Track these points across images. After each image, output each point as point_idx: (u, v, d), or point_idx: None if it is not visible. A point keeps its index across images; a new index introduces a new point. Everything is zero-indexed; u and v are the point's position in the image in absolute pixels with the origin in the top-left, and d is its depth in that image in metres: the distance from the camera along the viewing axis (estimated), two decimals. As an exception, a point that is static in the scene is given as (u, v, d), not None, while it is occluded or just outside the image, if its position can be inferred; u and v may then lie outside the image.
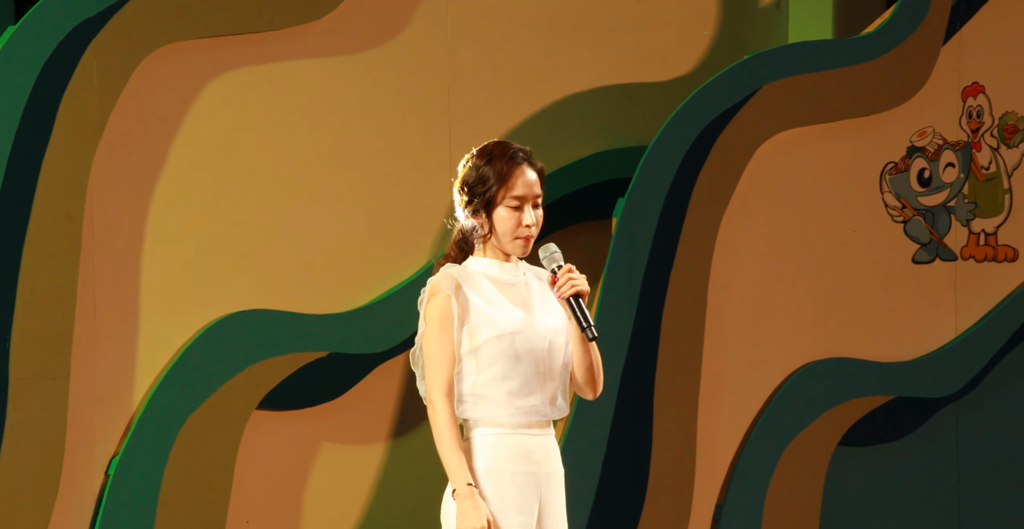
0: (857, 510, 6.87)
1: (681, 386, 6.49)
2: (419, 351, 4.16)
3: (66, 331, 5.69)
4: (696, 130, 6.48)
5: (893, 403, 6.90)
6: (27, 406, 5.64)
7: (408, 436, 6.31)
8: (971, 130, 7.11)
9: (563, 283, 4.09)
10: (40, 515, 5.67)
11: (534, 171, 4.17)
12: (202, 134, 5.93)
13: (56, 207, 5.67)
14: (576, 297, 4.08)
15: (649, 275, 6.41)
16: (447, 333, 4.08)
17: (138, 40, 5.77)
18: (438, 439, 4.07)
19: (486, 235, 4.13)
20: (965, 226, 7.11)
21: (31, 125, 5.62)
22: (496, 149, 4.15)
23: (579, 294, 4.08)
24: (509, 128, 6.48)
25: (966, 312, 7.07)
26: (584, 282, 4.09)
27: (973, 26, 7.04)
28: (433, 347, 4.09)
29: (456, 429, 4.07)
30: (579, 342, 4.16)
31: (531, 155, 4.17)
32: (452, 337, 4.08)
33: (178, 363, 5.85)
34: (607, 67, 6.71)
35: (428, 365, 4.11)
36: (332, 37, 6.13)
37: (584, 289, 4.07)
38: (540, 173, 4.18)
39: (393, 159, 6.26)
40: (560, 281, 4.09)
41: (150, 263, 5.85)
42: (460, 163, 4.20)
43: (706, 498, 6.58)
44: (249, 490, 6.00)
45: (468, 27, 6.41)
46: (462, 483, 4.03)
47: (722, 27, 6.97)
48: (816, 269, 6.78)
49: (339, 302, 6.15)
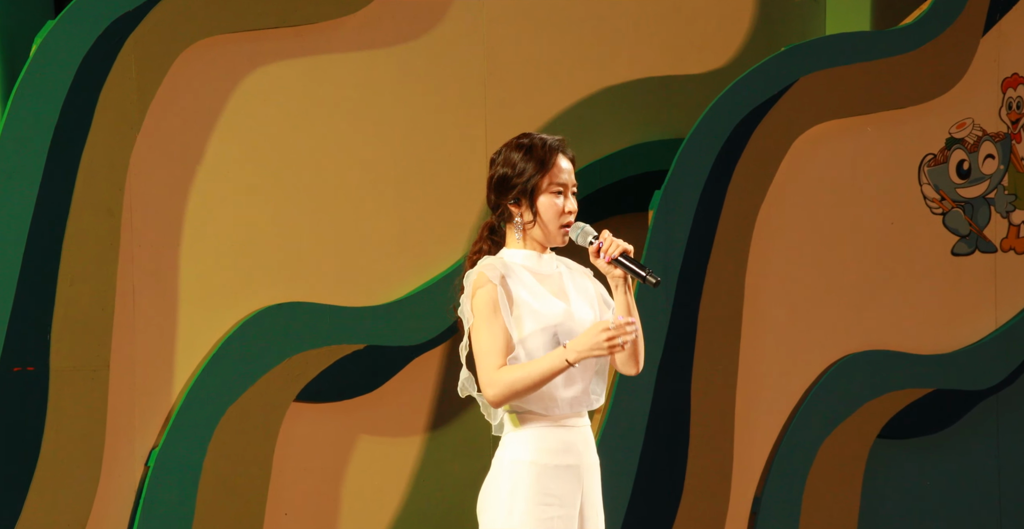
0: (896, 503, 6.85)
1: (718, 378, 6.49)
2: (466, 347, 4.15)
3: (106, 324, 5.73)
4: (732, 122, 6.47)
5: (932, 396, 6.88)
6: (68, 398, 5.67)
7: (445, 429, 6.32)
8: (1011, 121, 7.08)
9: (609, 246, 4.10)
10: (81, 506, 5.71)
11: (568, 160, 4.21)
12: (239, 128, 5.96)
13: (95, 201, 5.71)
14: (624, 255, 4.10)
15: (686, 268, 6.40)
16: (500, 321, 4.08)
17: (176, 34, 5.80)
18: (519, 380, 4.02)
19: (530, 223, 4.15)
20: (1005, 218, 7.07)
21: (70, 119, 5.66)
22: (532, 140, 4.19)
23: (625, 252, 4.10)
24: (545, 121, 6.48)
25: (1006, 304, 7.03)
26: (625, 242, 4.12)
27: (1013, 17, 7.00)
28: (486, 337, 4.07)
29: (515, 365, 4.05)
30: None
31: (565, 144, 4.20)
32: (505, 325, 4.08)
33: (216, 355, 5.88)
34: (643, 59, 6.70)
35: (482, 355, 4.08)
36: (368, 31, 6.15)
37: (628, 246, 4.11)
38: (572, 162, 4.22)
39: (429, 152, 6.28)
40: (605, 245, 4.11)
41: (188, 256, 5.88)
42: (492, 158, 4.21)
43: (744, 491, 6.57)
44: (287, 482, 6.02)
45: (503, 20, 6.41)
46: (562, 357, 4.02)
47: (759, 19, 6.95)
48: (854, 261, 6.76)
49: (376, 295, 6.17)
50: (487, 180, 4.21)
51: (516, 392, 4.05)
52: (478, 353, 4.10)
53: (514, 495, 4.10)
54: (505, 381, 4.05)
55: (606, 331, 4.03)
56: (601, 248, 4.10)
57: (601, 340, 4.02)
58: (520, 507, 4.10)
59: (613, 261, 4.11)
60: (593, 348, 4.03)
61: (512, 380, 4.04)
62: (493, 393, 4.06)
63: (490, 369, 4.06)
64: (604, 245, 4.10)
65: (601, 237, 4.12)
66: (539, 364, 4.05)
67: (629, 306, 4.15)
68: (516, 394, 4.05)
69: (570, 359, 4.03)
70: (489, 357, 4.06)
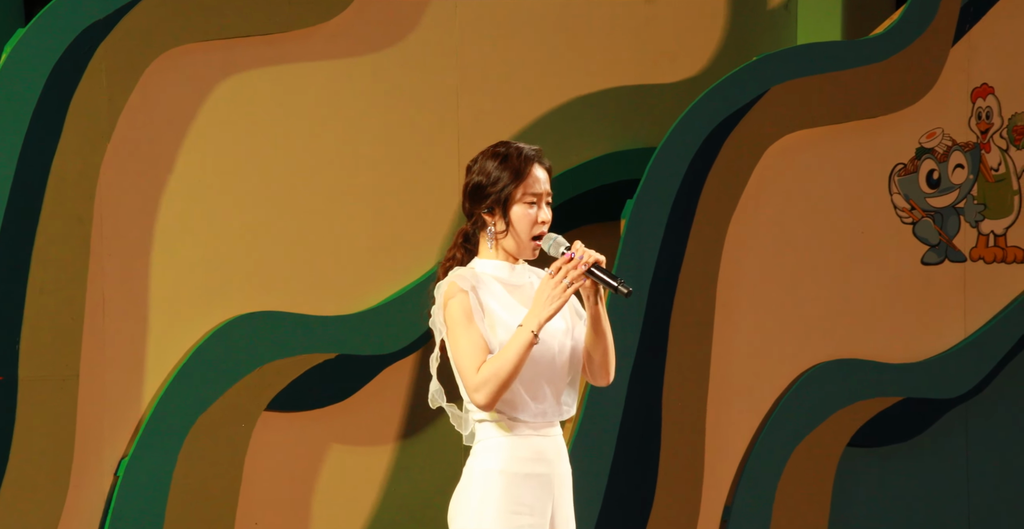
0: (866, 511, 6.87)
1: (690, 387, 6.49)
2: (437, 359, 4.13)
3: (75, 332, 5.70)
4: (705, 132, 6.48)
5: (902, 404, 6.90)
6: (36, 407, 5.65)
7: (417, 437, 6.32)
8: (980, 131, 7.11)
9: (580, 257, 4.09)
10: (49, 516, 5.68)
11: (544, 170, 4.20)
12: (211, 136, 5.94)
13: (65, 209, 5.68)
14: (596, 265, 4.09)
15: (657, 277, 6.41)
16: (476, 329, 4.06)
17: (147, 42, 5.79)
18: (499, 371, 4.00)
19: (502, 234, 4.14)
20: (974, 227, 7.10)
21: (40, 127, 5.63)
22: (508, 149, 4.18)
23: (597, 262, 4.09)
24: (518, 130, 6.48)
25: (975, 313, 7.06)
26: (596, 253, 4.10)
27: (982, 27, 7.03)
28: (464, 345, 4.05)
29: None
30: (591, 329, 4.16)
31: (541, 154, 4.20)
32: (481, 332, 4.07)
33: (187, 364, 5.86)
34: (616, 68, 6.71)
35: (463, 365, 4.05)
36: (341, 39, 6.14)
37: (601, 257, 4.09)
38: (548, 172, 4.21)
39: (402, 160, 6.27)
40: (576, 256, 4.09)
41: (159, 265, 5.86)
42: (468, 165, 4.20)
43: (715, 499, 6.58)
44: (258, 491, 6.01)
45: (477, 29, 6.42)
46: (525, 332, 4.00)
47: (731, 28, 6.97)
48: (825, 270, 6.77)
49: (348, 303, 6.16)
50: (463, 187, 4.21)
51: (503, 382, 4.03)
52: (458, 363, 4.08)
53: (484, 504, 4.09)
54: (487, 379, 4.02)
55: (550, 280, 4.03)
56: (572, 258, 4.10)
57: (553, 291, 4.02)
58: (490, 516, 4.09)
59: (586, 273, 4.10)
60: (549, 303, 4.02)
61: (492, 375, 4.02)
62: (481, 396, 4.05)
63: (472, 376, 4.05)
64: (576, 256, 4.10)
65: (573, 248, 4.12)
66: (508, 349, 4.03)
67: (601, 317, 4.14)
68: (504, 385, 4.03)
69: (533, 330, 4.02)
70: (470, 366, 4.05)
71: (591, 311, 4.14)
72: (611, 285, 4.07)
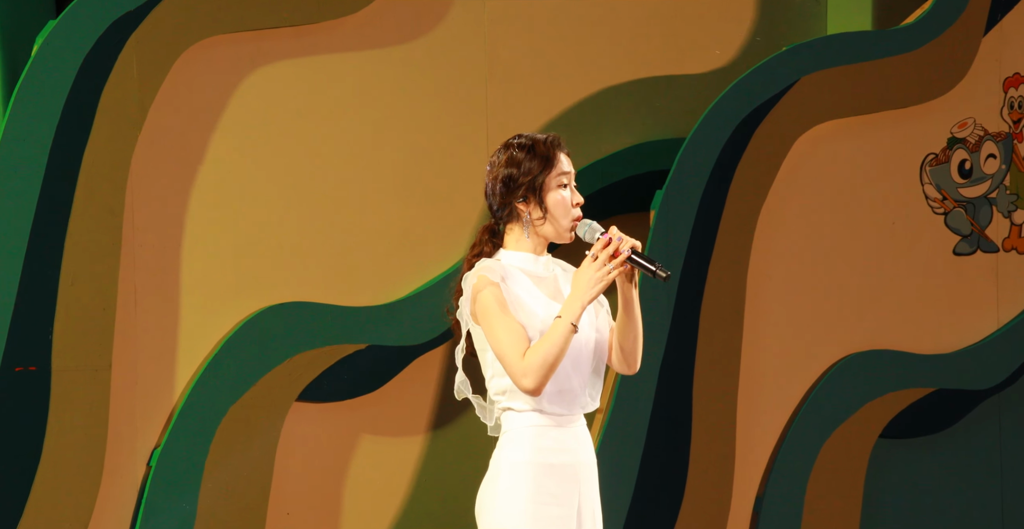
0: (898, 503, 6.85)
1: (720, 378, 6.49)
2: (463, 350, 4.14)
3: (107, 324, 5.73)
4: (734, 122, 6.47)
5: (934, 396, 6.87)
6: (69, 398, 5.68)
7: (447, 428, 6.33)
8: (1012, 121, 7.07)
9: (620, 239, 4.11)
10: (83, 506, 5.72)
11: (566, 155, 4.25)
12: (241, 127, 5.96)
13: (97, 200, 5.71)
14: (633, 250, 4.11)
15: (687, 268, 6.40)
16: (512, 317, 4.08)
17: (177, 34, 5.81)
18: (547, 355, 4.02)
19: (539, 220, 4.15)
20: (1007, 217, 7.07)
21: (72, 119, 5.66)
22: (530, 138, 4.21)
23: (633, 247, 4.11)
24: (546, 121, 6.48)
25: (1008, 304, 7.03)
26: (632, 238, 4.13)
27: (1015, 16, 7.00)
28: (503, 334, 4.06)
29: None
30: (624, 313, 4.17)
31: (561, 139, 4.25)
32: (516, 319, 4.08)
33: (218, 355, 5.89)
34: (645, 59, 6.70)
35: (506, 353, 4.06)
36: (369, 30, 6.15)
37: (637, 243, 4.12)
38: (569, 157, 4.26)
39: (431, 152, 6.28)
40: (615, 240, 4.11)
41: (190, 256, 5.89)
42: (491, 162, 4.22)
43: (746, 490, 6.57)
44: (289, 481, 6.03)
45: (505, 20, 6.42)
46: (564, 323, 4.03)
47: (760, 18, 6.95)
48: (856, 261, 6.75)
49: (378, 294, 6.17)
50: (486, 186, 4.21)
51: (550, 366, 4.05)
52: (500, 351, 4.09)
53: (512, 495, 4.10)
54: (535, 364, 4.04)
55: (591, 264, 4.05)
56: (611, 242, 4.10)
57: (596, 274, 4.05)
58: (519, 507, 4.09)
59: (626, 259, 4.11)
60: (591, 285, 4.05)
61: (541, 359, 4.04)
62: (530, 380, 4.06)
63: (517, 362, 4.06)
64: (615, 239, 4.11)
65: (609, 232, 4.13)
66: (552, 334, 4.05)
67: (634, 302, 4.15)
68: (551, 369, 4.05)
69: (573, 321, 4.04)
70: (514, 352, 4.06)
71: (625, 295, 4.15)
72: (649, 269, 4.09)
